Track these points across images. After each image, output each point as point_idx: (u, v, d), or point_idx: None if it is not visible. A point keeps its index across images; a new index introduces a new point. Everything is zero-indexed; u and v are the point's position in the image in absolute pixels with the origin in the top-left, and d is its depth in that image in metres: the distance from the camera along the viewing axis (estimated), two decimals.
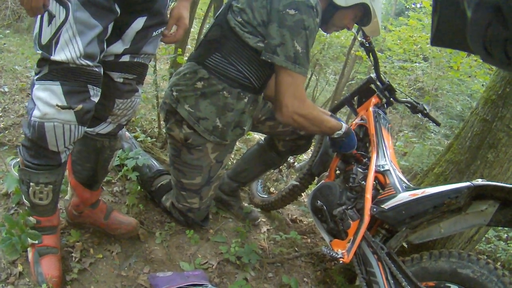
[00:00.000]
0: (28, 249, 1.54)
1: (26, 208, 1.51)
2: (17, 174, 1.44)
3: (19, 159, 1.43)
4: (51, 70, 1.21)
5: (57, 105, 1.22)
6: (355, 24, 1.89)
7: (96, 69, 1.26)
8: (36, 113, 1.24)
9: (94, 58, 1.24)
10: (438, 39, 0.61)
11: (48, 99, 1.22)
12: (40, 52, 1.21)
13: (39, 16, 1.18)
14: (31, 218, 1.50)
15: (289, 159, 2.66)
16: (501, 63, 0.49)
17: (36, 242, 1.50)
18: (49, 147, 1.30)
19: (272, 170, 2.63)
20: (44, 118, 1.24)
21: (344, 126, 1.83)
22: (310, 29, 1.53)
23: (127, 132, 2.35)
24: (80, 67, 1.22)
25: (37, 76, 1.24)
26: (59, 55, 1.19)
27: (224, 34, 1.61)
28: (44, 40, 1.19)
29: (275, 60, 1.53)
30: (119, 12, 1.27)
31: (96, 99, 1.31)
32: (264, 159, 2.27)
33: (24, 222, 1.49)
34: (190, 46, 5.74)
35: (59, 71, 1.21)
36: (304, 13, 1.50)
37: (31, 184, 1.38)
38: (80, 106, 1.26)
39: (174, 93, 1.70)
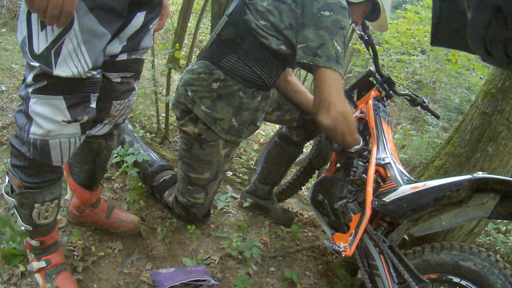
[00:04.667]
0: (36, 275, 1.46)
1: (23, 232, 1.38)
2: (13, 200, 1.29)
3: (8, 184, 1.31)
4: (51, 83, 1.07)
5: (63, 121, 1.12)
6: (365, 20, 1.89)
7: (98, 76, 1.15)
8: (36, 130, 1.12)
9: (100, 67, 1.14)
10: (438, 39, 0.61)
11: (51, 115, 1.10)
12: (36, 64, 1.04)
13: (24, 15, 1.01)
14: (33, 242, 1.42)
15: None
16: (501, 63, 0.49)
17: (45, 265, 1.44)
18: (53, 163, 1.21)
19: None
20: (48, 135, 1.13)
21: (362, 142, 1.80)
22: (346, 29, 1.53)
23: (129, 125, 2.34)
24: (84, 78, 1.10)
25: (32, 88, 1.08)
26: (63, 70, 1.04)
27: (239, 35, 1.60)
28: (39, 49, 1.02)
29: (318, 62, 1.51)
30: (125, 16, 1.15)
31: (94, 104, 1.20)
32: (285, 155, 2.29)
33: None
34: (187, 41, 5.71)
35: (61, 84, 1.08)
36: (339, 13, 1.50)
37: (35, 205, 1.28)
38: (86, 117, 1.16)
39: (189, 93, 1.69)
